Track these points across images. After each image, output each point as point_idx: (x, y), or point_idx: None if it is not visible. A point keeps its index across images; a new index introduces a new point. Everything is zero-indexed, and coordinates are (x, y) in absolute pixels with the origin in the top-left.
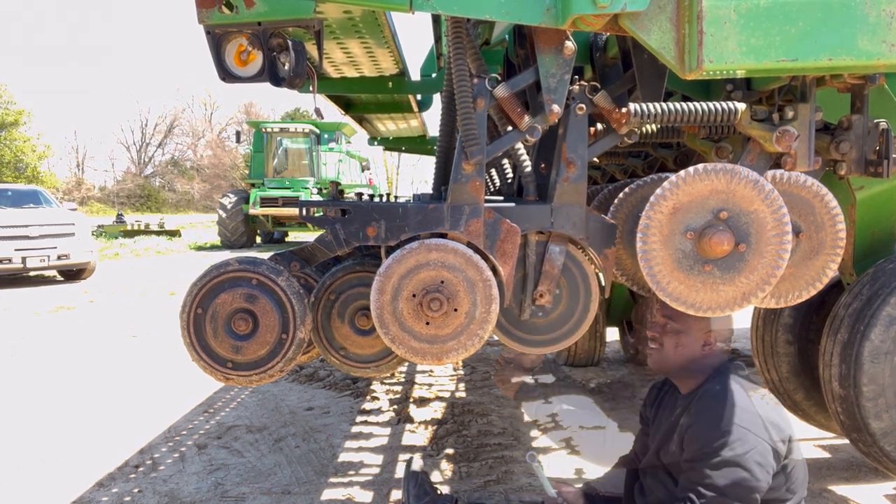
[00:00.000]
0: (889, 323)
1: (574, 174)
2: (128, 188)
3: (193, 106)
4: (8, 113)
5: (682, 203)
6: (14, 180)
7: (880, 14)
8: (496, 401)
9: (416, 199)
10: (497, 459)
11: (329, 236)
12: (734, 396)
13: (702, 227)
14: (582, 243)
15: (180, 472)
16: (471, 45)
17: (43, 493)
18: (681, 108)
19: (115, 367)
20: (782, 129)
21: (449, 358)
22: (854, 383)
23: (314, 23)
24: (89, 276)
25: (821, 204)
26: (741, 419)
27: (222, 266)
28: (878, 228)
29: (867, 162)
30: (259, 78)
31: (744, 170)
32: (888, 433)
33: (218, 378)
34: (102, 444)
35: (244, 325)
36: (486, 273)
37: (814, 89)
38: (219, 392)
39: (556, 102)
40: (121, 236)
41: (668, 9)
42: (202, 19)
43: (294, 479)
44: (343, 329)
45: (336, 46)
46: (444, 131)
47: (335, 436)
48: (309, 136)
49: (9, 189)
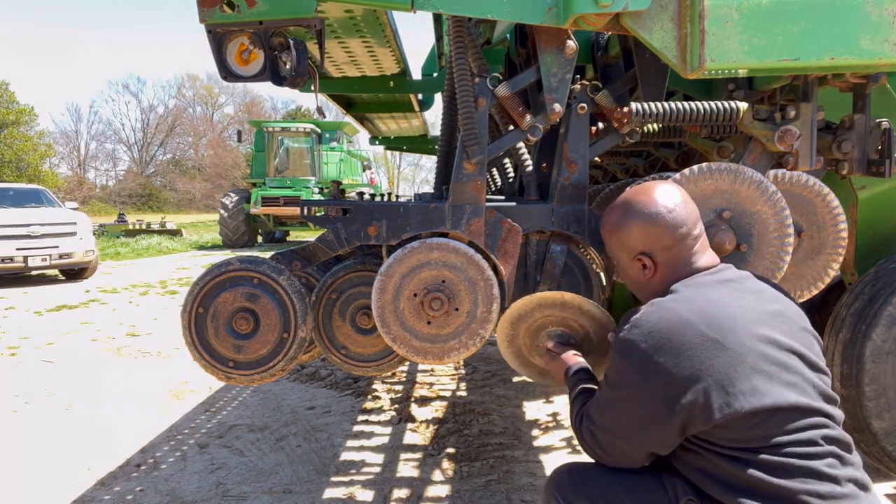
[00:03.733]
0: (891, 322)
1: (575, 174)
2: (129, 187)
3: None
4: (9, 112)
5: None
6: (15, 180)
7: (882, 13)
8: (497, 400)
9: (417, 198)
10: (498, 459)
11: (330, 236)
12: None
13: (704, 226)
14: (583, 243)
15: (182, 471)
16: (472, 45)
17: (43, 493)
18: (682, 108)
19: (115, 366)
20: (784, 129)
21: (450, 357)
22: (856, 383)
23: (315, 22)
24: (91, 276)
25: (822, 203)
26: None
27: (224, 265)
28: (879, 228)
29: (869, 161)
30: (260, 77)
31: (748, 170)
32: (890, 433)
33: (219, 377)
34: (102, 443)
35: (246, 325)
36: (487, 272)
37: (815, 89)
38: (220, 391)
39: (558, 102)
40: (122, 236)
41: (670, 8)
42: (204, 18)
43: (295, 478)
44: (344, 328)
45: (337, 45)
46: (446, 131)
47: (336, 435)
48: (310, 136)
49: (11, 188)
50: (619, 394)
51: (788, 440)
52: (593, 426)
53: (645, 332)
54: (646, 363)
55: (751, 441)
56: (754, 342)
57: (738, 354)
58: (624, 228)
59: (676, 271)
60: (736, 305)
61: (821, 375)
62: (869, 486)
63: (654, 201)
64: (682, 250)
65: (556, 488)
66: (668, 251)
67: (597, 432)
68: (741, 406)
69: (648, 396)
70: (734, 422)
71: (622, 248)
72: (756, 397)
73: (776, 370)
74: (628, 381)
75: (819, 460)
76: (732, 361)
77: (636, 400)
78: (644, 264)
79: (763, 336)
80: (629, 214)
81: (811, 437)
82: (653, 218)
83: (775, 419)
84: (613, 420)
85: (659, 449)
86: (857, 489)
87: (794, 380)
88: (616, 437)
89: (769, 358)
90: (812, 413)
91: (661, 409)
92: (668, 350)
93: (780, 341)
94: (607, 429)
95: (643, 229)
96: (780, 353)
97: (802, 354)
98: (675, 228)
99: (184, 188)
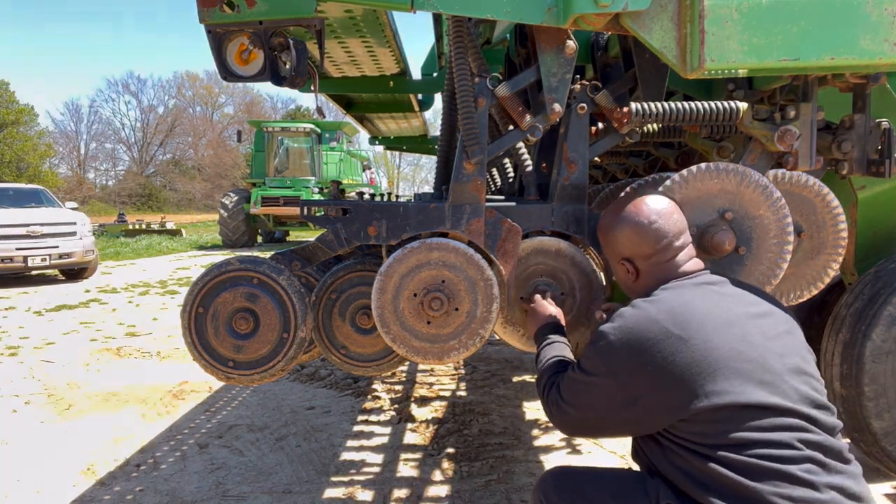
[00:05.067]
0: (891, 322)
1: (575, 174)
2: (129, 187)
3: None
4: (9, 112)
5: (689, 198)
6: (15, 180)
7: (882, 13)
8: (497, 400)
9: (417, 198)
10: (498, 459)
11: (330, 235)
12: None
13: (705, 225)
14: (583, 243)
15: (181, 472)
16: (472, 45)
17: (43, 493)
18: (682, 108)
19: (115, 366)
20: (784, 129)
21: (450, 357)
22: (855, 383)
23: (315, 22)
24: (91, 276)
25: (822, 203)
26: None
27: (223, 265)
28: (879, 228)
29: (869, 161)
30: (260, 77)
31: (756, 174)
32: (889, 433)
33: (219, 377)
34: (102, 443)
35: (245, 325)
36: (487, 272)
37: (815, 88)
38: (220, 391)
39: (558, 102)
40: (122, 235)
41: (670, 8)
42: (203, 18)
43: (295, 478)
44: (344, 328)
45: (337, 45)
46: (446, 131)
47: (336, 435)
48: (310, 136)
49: (11, 188)
50: (588, 379)
51: (756, 439)
52: (561, 401)
53: (617, 327)
54: (613, 356)
55: (716, 437)
56: (726, 340)
57: (703, 351)
58: (611, 233)
59: (658, 277)
60: (710, 305)
61: (807, 379)
62: (862, 497)
63: (640, 212)
64: (663, 259)
65: (541, 493)
66: (648, 259)
67: (564, 407)
68: (703, 402)
69: (613, 387)
70: (697, 416)
71: (610, 251)
72: (719, 394)
73: (749, 368)
74: (596, 370)
75: (793, 464)
76: (696, 358)
77: (602, 389)
78: (627, 269)
79: (737, 335)
80: (616, 221)
81: (784, 439)
82: (635, 228)
83: (740, 416)
84: (579, 401)
85: (622, 435)
86: (841, 497)
87: (770, 379)
88: (580, 416)
89: (742, 356)
90: (787, 414)
91: (624, 400)
92: (633, 345)
93: (757, 342)
94: (573, 406)
95: (627, 237)
96: (755, 353)
97: (784, 356)
98: (657, 240)
99: (184, 188)
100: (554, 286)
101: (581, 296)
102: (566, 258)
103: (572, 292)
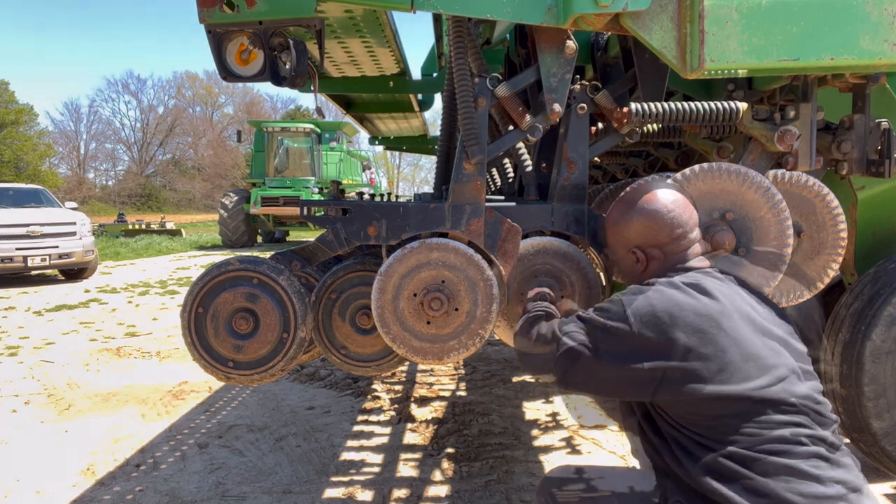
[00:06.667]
0: (890, 323)
1: (575, 174)
2: (129, 187)
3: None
4: (9, 112)
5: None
6: (15, 179)
7: (882, 13)
8: (497, 400)
9: (417, 198)
10: (498, 459)
11: (330, 235)
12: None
13: (706, 225)
14: (582, 243)
15: (181, 472)
16: (472, 45)
17: (43, 493)
18: (682, 108)
19: (115, 366)
20: (784, 129)
21: (450, 357)
22: (855, 383)
23: (315, 22)
24: (90, 276)
25: (822, 204)
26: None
27: (223, 265)
28: (879, 228)
29: (869, 161)
30: (260, 77)
31: (759, 176)
32: (889, 433)
33: (219, 377)
34: (102, 443)
35: (245, 325)
36: (487, 272)
37: (815, 89)
38: (220, 391)
39: (558, 102)
40: (122, 235)
41: (670, 8)
42: (203, 18)
43: (295, 478)
44: (344, 328)
45: (337, 46)
46: (446, 131)
47: (336, 435)
48: (310, 136)
49: (10, 188)
50: (612, 325)
51: (766, 434)
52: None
53: (654, 292)
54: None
55: (726, 432)
56: (746, 333)
57: (731, 339)
58: (623, 222)
59: (667, 267)
60: (729, 297)
61: (810, 377)
62: (861, 489)
63: (657, 201)
64: (676, 249)
65: (545, 493)
66: (662, 248)
67: (577, 349)
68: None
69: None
70: (703, 403)
71: (619, 241)
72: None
73: (765, 364)
74: (622, 321)
75: (801, 459)
76: (724, 344)
77: (628, 341)
78: (637, 258)
79: (754, 330)
80: (631, 210)
81: (793, 435)
82: (653, 215)
83: (752, 411)
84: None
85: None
86: (844, 490)
87: (781, 374)
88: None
89: (760, 351)
90: (795, 410)
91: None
92: (672, 311)
93: (768, 339)
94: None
95: (642, 225)
96: (767, 349)
97: (791, 355)
98: (673, 229)
99: (183, 188)
100: (554, 286)
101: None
102: (573, 262)
103: (572, 294)
